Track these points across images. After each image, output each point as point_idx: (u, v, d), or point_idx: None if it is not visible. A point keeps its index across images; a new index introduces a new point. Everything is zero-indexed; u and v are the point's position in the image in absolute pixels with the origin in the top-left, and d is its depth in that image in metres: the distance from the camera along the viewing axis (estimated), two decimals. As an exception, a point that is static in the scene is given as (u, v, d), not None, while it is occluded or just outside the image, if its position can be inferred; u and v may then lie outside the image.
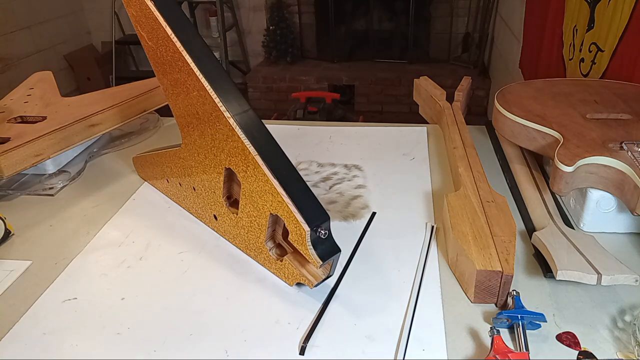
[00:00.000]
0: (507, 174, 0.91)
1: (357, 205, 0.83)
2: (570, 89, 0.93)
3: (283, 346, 0.57)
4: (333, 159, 0.99)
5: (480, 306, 0.62)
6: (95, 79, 3.58)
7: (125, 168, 0.98)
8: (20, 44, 3.10)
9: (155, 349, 0.57)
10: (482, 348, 0.55)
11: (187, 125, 0.74)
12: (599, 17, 1.19)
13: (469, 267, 0.62)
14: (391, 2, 3.44)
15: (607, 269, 0.59)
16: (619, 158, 0.68)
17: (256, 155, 0.63)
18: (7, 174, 0.84)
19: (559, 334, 0.57)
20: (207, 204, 0.76)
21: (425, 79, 1.24)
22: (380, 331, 0.58)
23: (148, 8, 0.68)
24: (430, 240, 0.74)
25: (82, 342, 0.58)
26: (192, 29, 0.69)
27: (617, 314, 0.59)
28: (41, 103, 1.06)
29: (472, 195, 0.75)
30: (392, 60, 3.54)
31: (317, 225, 0.59)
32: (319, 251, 0.59)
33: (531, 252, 0.71)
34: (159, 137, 1.13)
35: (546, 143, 0.80)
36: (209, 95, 0.65)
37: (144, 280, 0.68)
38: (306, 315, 0.61)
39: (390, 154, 1.01)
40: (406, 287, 0.65)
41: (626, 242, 0.72)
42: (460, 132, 0.97)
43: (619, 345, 0.55)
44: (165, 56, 0.70)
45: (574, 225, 0.76)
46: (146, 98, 1.08)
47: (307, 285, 0.64)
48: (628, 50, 1.03)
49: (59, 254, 0.73)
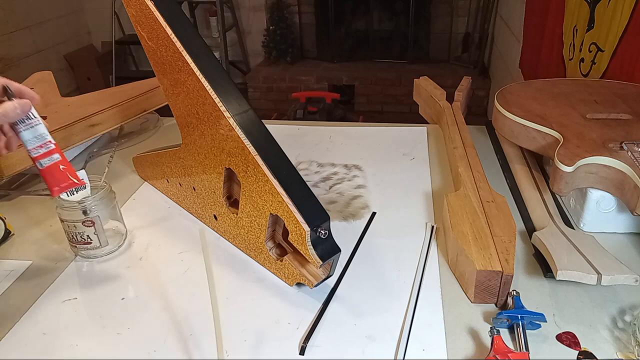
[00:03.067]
0: (507, 174, 0.91)
1: (357, 205, 0.83)
2: (570, 89, 0.93)
3: (283, 346, 0.57)
4: (333, 159, 0.99)
5: (480, 306, 0.62)
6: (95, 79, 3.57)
7: (125, 168, 0.98)
8: (20, 44, 3.10)
9: (155, 349, 0.57)
10: (482, 348, 0.55)
11: (187, 125, 0.74)
12: (599, 17, 1.19)
13: (469, 267, 0.62)
14: (391, 2, 3.44)
15: (607, 269, 0.59)
16: (619, 158, 0.68)
17: (256, 155, 0.63)
18: (7, 174, 0.84)
19: (559, 334, 0.57)
20: (207, 204, 0.76)
21: (425, 79, 1.24)
22: (380, 331, 0.58)
23: (148, 8, 0.68)
24: (430, 240, 0.74)
25: (82, 342, 0.58)
26: (192, 29, 0.69)
27: (617, 314, 0.59)
28: (41, 103, 1.06)
29: (472, 195, 0.75)
30: (392, 60, 3.54)
31: (317, 225, 0.59)
32: (319, 251, 0.59)
33: (531, 252, 0.71)
34: (159, 137, 1.13)
35: (546, 143, 0.80)
36: (209, 95, 0.65)
37: (144, 280, 0.68)
38: (306, 315, 0.61)
39: (390, 154, 1.01)
40: (406, 287, 0.65)
41: (626, 242, 0.72)
42: (460, 132, 0.97)
43: (619, 345, 0.55)
44: (165, 56, 0.70)
45: (574, 225, 0.76)
46: (146, 98, 1.08)
47: (307, 285, 0.64)
48: (628, 50, 1.03)
49: (58, 254, 0.73)
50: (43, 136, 0.57)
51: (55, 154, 0.57)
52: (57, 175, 0.58)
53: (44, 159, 0.57)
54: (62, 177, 0.58)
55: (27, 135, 0.56)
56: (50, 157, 0.57)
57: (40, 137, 0.56)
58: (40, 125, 0.56)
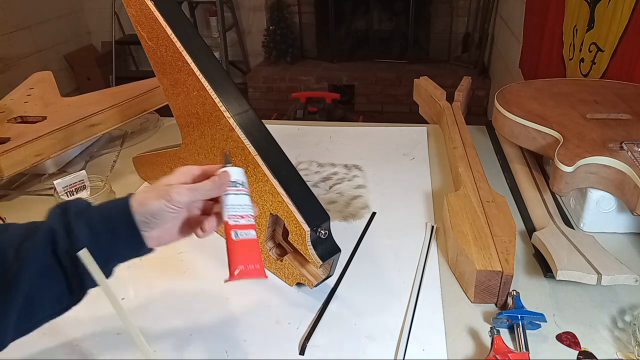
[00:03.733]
0: (507, 174, 0.91)
1: (357, 205, 0.83)
2: (570, 89, 0.93)
3: (283, 346, 0.57)
4: (333, 159, 0.99)
5: (480, 306, 0.62)
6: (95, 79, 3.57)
7: (126, 168, 0.98)
8: (20, 44, 3.10)
9: (155, 349, 0.57)
10: (482, 348, 0.55)
11: (187, 125, 0.74)
12: (599, 17, 1.19)
13: (469, 267, 0.62)
14: (391, 2, 3.44)
15: (607, 269, 0.59)
16: (619, 158, 0.68)
17: (256, 155, 0.63)
18: (7, 174, 0.84)
19: (559, 334, 0.57)
20: (207, 204, 0.76)
21: (425, 79, 1.24)
22: (380, 331, 0.58)
23: (148, 8, 0.68)
24: (430, 240, 0.74)
25: (82, 342, 0.58)
26: (192, 29, 0.69)
27: (617, 314, 0.59)
28: (41, 103, 1.06)
29: (472, 195, 0.75)
30: (392, 60, 3.54)
31: (317, 225, 0.59)
32: (319, 251, 0.59)
33: (531, 252, 0.71)
34: (159, 137, 1.13)
35: (546, 143, 0.80)
36: (209, 95, 0.65)
37: (144, 280, 0.68)
38: (306, 315, 0.61)
39: (390, 154, 1.01)
40: (406, 287, 0.65)
41: (626, 242, 0.72)
42: (460, 132, 0.97)
43: (619, 345, 0.55)
44: (165, 56, 0.70)
45: (574, 225, 0.76)
46: (146, 98, 1.08)
47: (307, 285, 0.64)
48: (628, 50, 1.03)
49: (59, 254, 0.73)
50: (247, 207, 0.51)
51: (253, 230, 0.51)
52: (246, 254, 0.50)
53: (240, 230, 0.50)
54: (250, 257, 0.50)
55: (232, 200, 0.51)
56: (247, 231, 0.50)
57: (245, 207, 0.51)
58: (247, 197, 0.52)
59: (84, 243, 0.46)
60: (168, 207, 0.48)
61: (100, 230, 0.47)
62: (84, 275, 0.46)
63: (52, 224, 0.46)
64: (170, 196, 0.48)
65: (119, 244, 0.48)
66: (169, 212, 0.48)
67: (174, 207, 0.48)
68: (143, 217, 0.48)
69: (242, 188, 0.52)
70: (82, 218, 0.47)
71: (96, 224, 0.47)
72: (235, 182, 0.51)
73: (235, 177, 0.51)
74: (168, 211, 0.48)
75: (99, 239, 0.47)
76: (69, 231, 0.46)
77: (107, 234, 0.47)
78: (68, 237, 0.46)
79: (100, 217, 0.48)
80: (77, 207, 0.48)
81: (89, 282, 0.47)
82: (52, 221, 0.47)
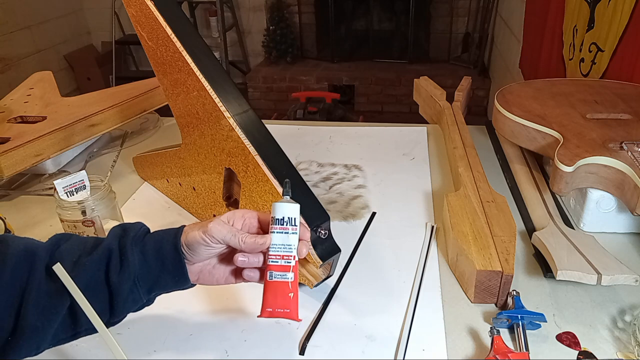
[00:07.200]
0: (507, 174, 0.91)
1: (357, 205, 0.83)
2: (570, 89, 0.93)
3: (283, 346, 0.57)
4: (333, 159, 0.99)
5: (480, 306, 0.62)
6: (95, 79, 3.57)
7: (126, 168, 0.98)
8: (20, 44, 3.10)
9: (155, 349, 0.57)
10: (482, 348, 0.55)
11: (187, 125, 0.74)
12: (599, 17, 1.19)
13: (469, 267, 0.62)
14: (391, 2, 3.44)
15: (607, 269, 0.59)
16: (619, 158, 0.68)
17: (256, 155, 0.63)
18: (7, 174, 0.84)
19: (559, 334, 0.57)
20: (207, 204, 0.76)
21: (425, 79, 1.24)
22: (380, 331, 0.58)
23: (148, 8, 0.68)
24: (430, 240, 0.74)
25: (82, 342, 0.58)
26: (192, 29, 0.69)
27: (617, 314, 0.59)
28: (41, 103, 1.06)
29: (472, 195, 0.75)
30: (392, 60, 3.54)
31: (317, 225, 0.59)
32: (319, 251, 0.59)
33: (531, 252, 0.71)
34: (159, 137, 1.13)
35: (546, 143, 0.80)
36: (209, 95, 0.65)
37: (144, 280, 0.67)
38: (306, 315, 0.61)
39: (390, 154, 1.01)
40: (406, 287, 0.65)
41: (626, 242, 0.72)
42: (460, 132, 0.97)
43: (619, 345, 0.55)
44: (165, 56, 0.70)
45: (574, 225, 0.76)
46: (146, 98, 1.08)
47: (307, 285, 0.63)
48: (628, 50, 1.03)
49: (59, 254, 0.73)
50: (290, 248, 0.49)
51: (291, 273, 0.49)
52: (278, 297, 0.49)
53: (277, 272, 0.49)
54: (281, 302, 0.49)
55: (276, 239, 0.49)
56: (283, 274, 0.49)
57: (287, 247, 0.49)
58: (294, 236, 0.50)
59: (135, 269, 0.48)
60: (203, 238, 0.48)
61: (151, 259, 0.49)
62: (127, 298, 0.48)
63: (110, 244, 0.48)
64: (207, 227, 0.48)
65: (165, 276, 0.50)
66: (203, 244, 0.48)
67: (208, 240, 0.48)
68: (184, 247, 0.49)
69: (289, 226, 0.50)
70: (138, 245, 0.49)
71: (148, 251, 0.49)
72: (283, 220, 0.49)
73: (284, 213, 0.50)
74: (202, 243, 0.48)
75: (149, 268, 0.49)
76: (123, 254, 0.48)
77: (157, 263, 0.49)
78: (121, 260, 0.48)
79: (153, 246, 0.49)
80: (135, 232, 0.50)
81: (130, 305, 0.49)
82: (110, 240, 0.49)
